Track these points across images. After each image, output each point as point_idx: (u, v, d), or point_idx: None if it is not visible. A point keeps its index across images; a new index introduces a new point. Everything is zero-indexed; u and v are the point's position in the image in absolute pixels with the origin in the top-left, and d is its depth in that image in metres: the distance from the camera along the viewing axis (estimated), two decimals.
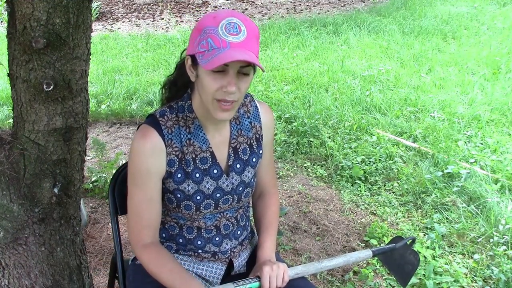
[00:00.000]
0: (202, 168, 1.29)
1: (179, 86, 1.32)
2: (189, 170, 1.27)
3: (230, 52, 1.09)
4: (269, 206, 1.46)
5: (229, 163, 1.33)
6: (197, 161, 1.28)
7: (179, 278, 1.23)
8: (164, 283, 1.25)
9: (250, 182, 1.37)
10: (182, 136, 1.26)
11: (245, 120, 1.36)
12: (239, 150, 1.35)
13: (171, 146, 1.25)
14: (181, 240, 1.37)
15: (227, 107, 1.16)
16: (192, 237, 1.36)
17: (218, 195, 1.31)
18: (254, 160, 1.37)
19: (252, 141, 1.37)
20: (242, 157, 1.35)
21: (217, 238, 1.37)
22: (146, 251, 1.28)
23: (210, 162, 1.30)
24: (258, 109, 1.38)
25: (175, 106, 1.29)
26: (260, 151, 1.39)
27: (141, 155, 1.23)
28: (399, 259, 1.55)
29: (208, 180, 1.30)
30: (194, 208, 1.30)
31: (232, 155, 1.34)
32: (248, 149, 1.36)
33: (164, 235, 1.40)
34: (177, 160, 1.26)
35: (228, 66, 1.12)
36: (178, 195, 1.28)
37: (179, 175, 1.27)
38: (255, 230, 1.50)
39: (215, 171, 1.30)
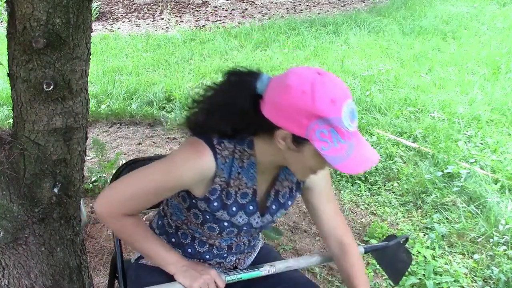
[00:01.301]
0: (240, 202, 1.24)
1: (244, 125, 1.15)
2: (228, 203, 1.22)
3: (364, 153, 1.05)
4: (356, 264, 1.35)
5: (267, 204, 1.30)
6: (238, 195, 1.23)
7: (159, 245, 1.24)
8: (140, 248, 1.25)
9: (277, 219, 1.36)
10: (233, 168, 1.19)
11: None
12: (280, 193, 1.30)
13: (219, 176, 1.18)
14: (189, 250, 1.35)
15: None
16: (202, 251, 1.35)
17: (245, 228, 1.29)
18: (289, 203, 1.34)
19: (294, 185, 1.32)
20: (281, 200, 1.32)
21: (225, 255, 1.37)
22: (123, 217, 1.21)
23: (250, 198, 1.25)
24: None
25: (235, 136, 1.20)
26: (297, 194, 1.35)
27: (188, 167, 1.15)
28: (392, 257, 1.56)
29: (241, 214, 1.26)
30: (217, 231, 1.27)
31: (272, 197, 1.30)
32: (288, 193, 1.32)
33: (173, 240, 1.37)
34: (219, 190, 1.20)
35: None
36: (207, 217, 1.24)
37: (215, 204, 1.22)
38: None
39: (251, 207, 1.26)
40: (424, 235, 2.62)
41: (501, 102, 4.12)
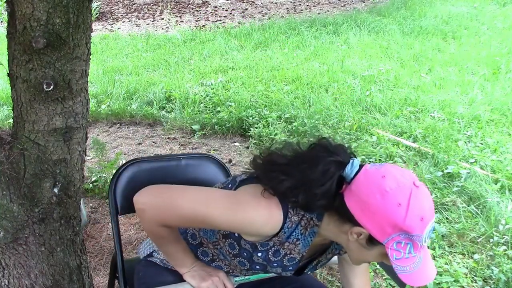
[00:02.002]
0: (284, 264, 1.19)
1: (323, 202, 1.07)
2: (272, 259, 1.18)
3: (426, 270, 1.05)
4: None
5: (305, 271, 1.28)
6: (285, 258, 1.18)
7: (180, 248, 1.24)
8: (162, 247, 1.25)
9: None
10: (294, 233, 1.13)
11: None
12: (321, 262, 1.29)
13: (279, 236, 1.13)
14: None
15: None
16: (216, 266, 1.33)
17: (257, 267, 1.24)
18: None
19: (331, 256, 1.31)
20: (317, 267, 1.30)
21: (238, 273, 1.35)
22: (160, 226, 1.18)
23: (294, 263, 1.20)
24: None
25: None
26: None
27: (253, 218, 1.09)
28: None
29: (278, 270, 1.22)
30: (246, 268, 1.24)
31: (313, 265, 1.27)
32: (323, 261, 1.31)
33: (191, 250, 1.33)
34: (271, 246, 1.16)
35: None
36: (245, 254, 1.20)
37: (259, 254, 1.17)
38: None
39: (290, 268, 1.22)
40: None
41: (501, 102, 4.12)
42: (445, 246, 2.52)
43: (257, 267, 1.22)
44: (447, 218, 2.73)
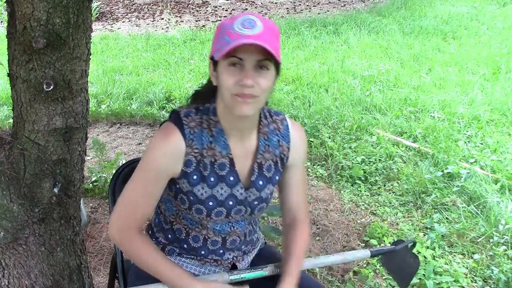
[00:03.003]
0: (219, 173, 1.26)
1: (205, 93, 1.30)
2: (206, 174, 1.25)
3: (242, 40, 1.08)
4: (300, 235, 1.41)
5: (251, 178, 1.31)
6: (215, 166, 1.26)
7: (164, 264, 1.24)
8: (148, 267, 1.25)
9: (267, 198, 1.35)
10: (203, 138, 1.24)
11: (274, 137, 1.33)
12: (263, 166, 1.32)
13: (191, 146, 1.23)
14: (185, 246, 1.37)
15: (246, 98, 1.12)
16: (196, 246, 1.35)
17: (230, 203, 1.29)
18: (276, 178, 1.35)
19: (278, 159, 1.34)
20: (266, 174, 1.32)
21: (220, 251, 1.37)
22: (135, 236, 1.25)
23: (228, 169, 1.27)
24: (288, 128, 1.35)
25: (201, 108, 1.27)
26: (281, 170, 1.36)
27: (158, 153, 1.22)
28: (400, 262, 1.55)
29: (222, 186, 1.27)
30: (205, 214, 1.28)
31: (257, 171, 1.31)
32: (273, 166, 1.33)
33: (170, 236, 1.38)
34: (195, 161, 1.24)
35: (243, 60, 1.10)
36: (191, 198, 1.27)
37: (194, 177, 1.25)
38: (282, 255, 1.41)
39: (231, 178, 1.28)
40: (424, 235, 2.62)
41: (501, 102, 4.12)
42: (445, 246, 2.52)
43: (210, 203, 1.27)
44: (447, 218, 2.73)
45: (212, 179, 1.26)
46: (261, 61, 1.11)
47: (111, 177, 1.56)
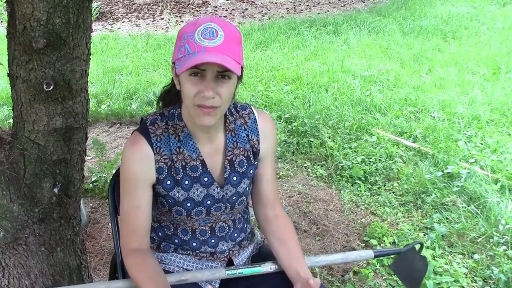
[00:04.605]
0: (192, 175, 1.29)
1: (171, 95, 1.32)
2: (178, 178, 1.28)
3: (202, 56, 1.08)
4: (290, 232, 1.40)
5: (224, 175, 1.32)
6: (187, 169, 1.28)
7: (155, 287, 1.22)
8: None
9: (245, 191, 1.36)
10: (171, 144, 1.27)
11: (242, 132, 1.33)
12: (235, 162, 1.33)
13: (159, 154, 1.26)
14: (176, 241, 1.38)
15: (208, 110, 1.14)
16: (187, 239, 1.37)
17: (208, 202, 1.31)
18: (251, 171, 1.36)
19: (249, 153, 1.35)
20: (239, 170, 1.33)
21: (212, 240, 1.37)
22: (130, 256, 1.28)
23: (201, 170, 1.29)
24: (256, 121, 1.35)
25: (166, 114, 1.29)
26: (256, 163, 1.37)
27: (130, 162, 1.25)
28: (409, 266, 1.53)
29: (198, 187, 1.29)
30: (185, 214, 1.31)
31: (228, 167, 1.32)
32: (245, 161, 1.34)
33: (160, 234, 1.40)
34: (166, 167, 1.27)
35: (205, 70, 1.11)
36: (169, 201, 1.29)
37: (168, 182, 1.28)
38: (275, 252, 1.39)
39: (205, 178, 1.30)
40: (424, 235, 2.62)
41: (501, 102, 4.12)
42: (445, 246, 2.52)
43: (188, 204, 1.29)
44: (447, 218, 2.73)
45: (186, 182, 1.28)
46: (222, 72, 1.12)
47: (111, 177, 1.56)
